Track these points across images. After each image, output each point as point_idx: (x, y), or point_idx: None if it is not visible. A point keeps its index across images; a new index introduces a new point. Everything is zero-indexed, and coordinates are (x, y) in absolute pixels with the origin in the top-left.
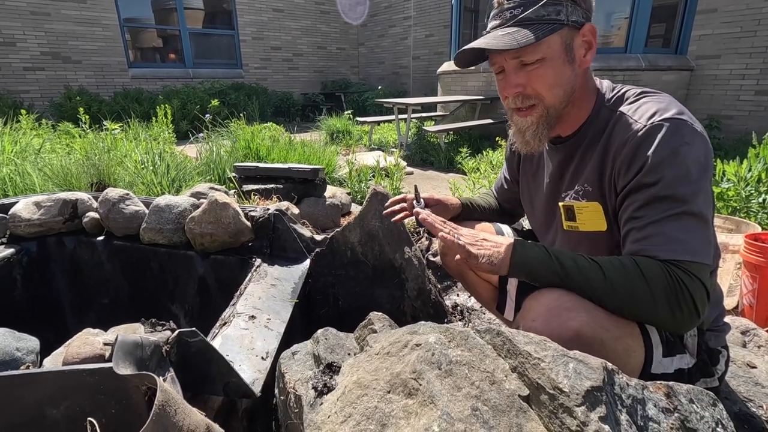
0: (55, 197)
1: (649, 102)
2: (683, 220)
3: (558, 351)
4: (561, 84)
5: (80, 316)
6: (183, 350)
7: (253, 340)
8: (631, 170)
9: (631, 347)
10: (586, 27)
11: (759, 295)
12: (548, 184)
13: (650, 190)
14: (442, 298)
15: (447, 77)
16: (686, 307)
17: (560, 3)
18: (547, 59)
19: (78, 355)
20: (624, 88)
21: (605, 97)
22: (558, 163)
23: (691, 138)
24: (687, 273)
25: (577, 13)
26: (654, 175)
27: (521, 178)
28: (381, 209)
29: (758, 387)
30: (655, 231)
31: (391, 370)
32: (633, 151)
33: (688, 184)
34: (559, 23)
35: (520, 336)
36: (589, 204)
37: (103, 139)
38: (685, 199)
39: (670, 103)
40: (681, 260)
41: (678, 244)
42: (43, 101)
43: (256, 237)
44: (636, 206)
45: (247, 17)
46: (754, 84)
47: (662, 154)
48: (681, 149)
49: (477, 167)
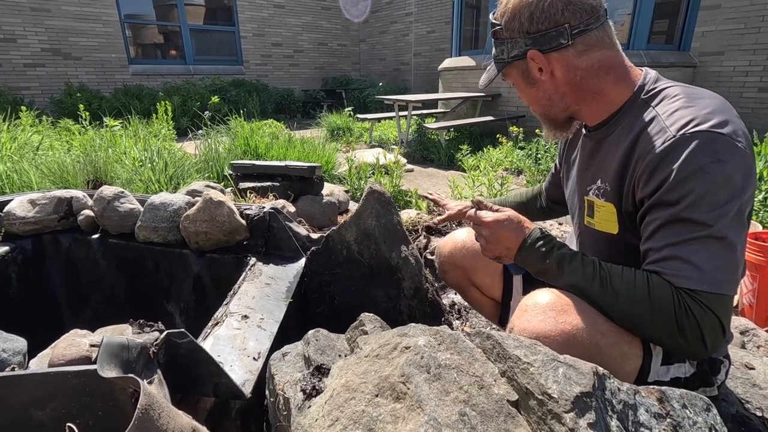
0: (50, 195)
1: (689, 106)
2: (705, 244)
3: (548, 355)
4: (534, 101)
5: (76, 313)
6: (172, 351)
7: (246, 340)
8: (652, 183)
9: (627, 353)
10: (530, 54)
11: (759, 294)
12: (577, 172)
13: (670, 209)
14: (439, 297)
15: (448, 74)
16: (693, 337)
17: (502, 42)
18: (516, 85)
19: (64, 356)
20: (668, 84)
21: (644, 88)
22: (587, 152)
23: (726, 155)
24: (699, 304)
25: (518, 45)
26: (675, 192)
27: (563, 166)
28: (378, 207)
29: (756, 388)
30: (672, 254)
31: (379, 373)
32: (657, 162)
33: (713, 207)
34: (503, 61)
35: (510, 340)
36: (605, 204)
37: (102, 135)
38: (707, 223)
39: (715, 110)
40: (695, 290)
41: (694, 271)
42: (44, 98)
43: (252, 235)
44: (655, 225)
45: (247, 13)
46: (757, 81)
47: (687, 170)
48: (710, 167)
49: (477, 165)
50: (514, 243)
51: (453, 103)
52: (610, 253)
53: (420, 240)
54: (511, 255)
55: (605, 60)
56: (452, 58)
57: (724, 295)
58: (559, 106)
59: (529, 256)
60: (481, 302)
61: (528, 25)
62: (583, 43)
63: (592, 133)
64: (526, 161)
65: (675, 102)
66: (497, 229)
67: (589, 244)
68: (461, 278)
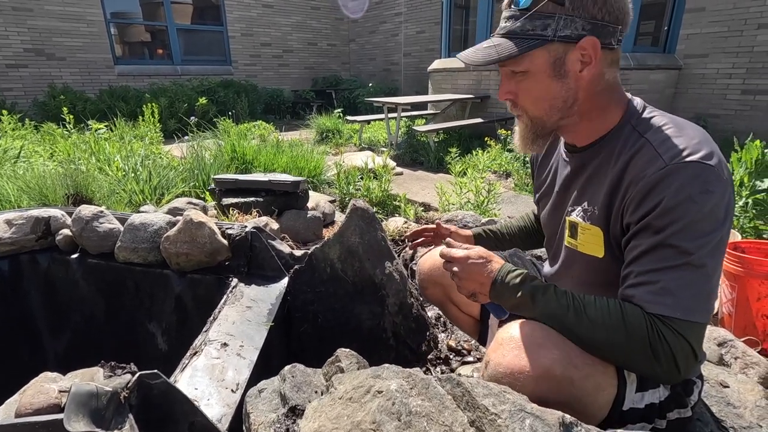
0: (27, 215)
1: (679, 136)
2: (685, 272)
3: (516, 405)
4: (547, 98)
5: (55, 334)
6: (145, 392)
7: (224, 371)
8: (642, 208)
9: (602, 385)
10: (586, 41)
11: (737, 304)
12: (557, 191)
13: (657, 236)
14: (424, 311)
15: (437, 75)
16: (666, 362)
17: (550, 17)
18: (531, 73)
19: (32, 405)
20: (656, 112)
21: (634, 115)
22: (569, 172)
23: (714, 186)
24: (672, 330)
25: (574, 26)
26: (664, 219)
27: (536, 181)
28: (361, 224)
29: (730, 407)
30: (652, 279)
31: (352, 418)
32: (648, 189)
33: (697, 236)
34: (542, 39)
35: (480, 387)
36: (591, 227)
37: (87, 140)
38: (689, 251)
39: (702, 140)
40: (669, 316)
41: (671, 298)
42: (27, 99)
43: (234, 255)
44: (640, 250)
45: (236, 13)
46: (740, 83)
47: (677, 199)
48: (699, 197)
49: (464, 170)
50: (486, 277)
51: (442, 104)
52: (592, 275)
53: (406, 251)
54: (485, 291)
55: (617, 79)
56: (442, 59)
57: (697, 323)
58: (563, 112)
59: (502, 289)
60: (461, 319)
61: (598, 9)
62: (615, 54)
63: (575, 154)
64: (514, 164)
65: (665, 131)
66: (467, 263)
67: (570, 264)
68: (440, 295)
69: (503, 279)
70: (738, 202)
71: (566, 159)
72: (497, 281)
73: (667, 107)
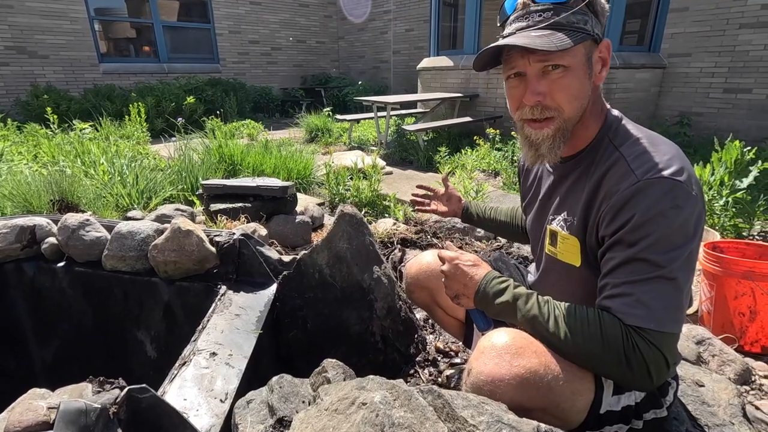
0: (11, 223)
1: (652, 152)
2: (657, 284)
3: (494, 416)
4: (581, 97)
5: (43, 342)
6: (134, 407)
7: (213, 380)
8: (615, 222)
9: (579, 390)
10: (604, 42)
11: (716, 303)
12: (540, 200)
13: (630, 250)
14: (413, 313)
15: (426, 73)
16: (639, 371)
17: (587, 13)
18: (571, 69)
19: (20, 423)
20: (630, 125)
21: (611, 127)
22: (552, 181)
23: (683, 201)
24: (646, 341)
25: (598, 27)
26: (636, 234)
27: (522, 188)
28: (349, 230)
29: (704, 406)
30: (627, 291)
31: (337, 430)
32: (621, 203)
33: (668, 250)
34: (586, 33)
35: (459, 399)
36: (569, 237)
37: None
38: (661, 264)
39: (673, 156)
40: (643, 327)
41: (644, 309)
42: (9, 99)
43: (222, 263)
44: (614, 263)
45: (223, 10)
46: (722, 82)
47: (649, 214)
48: (670, 212)
49: (453, 171)
50: (471, 280)
51: (432, 103)
52: (570, 282)
53: (395, 253)
54: (470, 294)
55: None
56: (430, 57)
57: (669, 334)
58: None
59: (486, 294)
60: (446, 322)
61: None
62: None
63: (559, 164)
64: (502, 162)
65: (639, 146)
66: (456, 264)
67: (550, 271)
68: (427, 298)
69: (488, 284)
70: (718, 201)
71: (550, 169)
72: (482, 286)
73: (653, 105)
